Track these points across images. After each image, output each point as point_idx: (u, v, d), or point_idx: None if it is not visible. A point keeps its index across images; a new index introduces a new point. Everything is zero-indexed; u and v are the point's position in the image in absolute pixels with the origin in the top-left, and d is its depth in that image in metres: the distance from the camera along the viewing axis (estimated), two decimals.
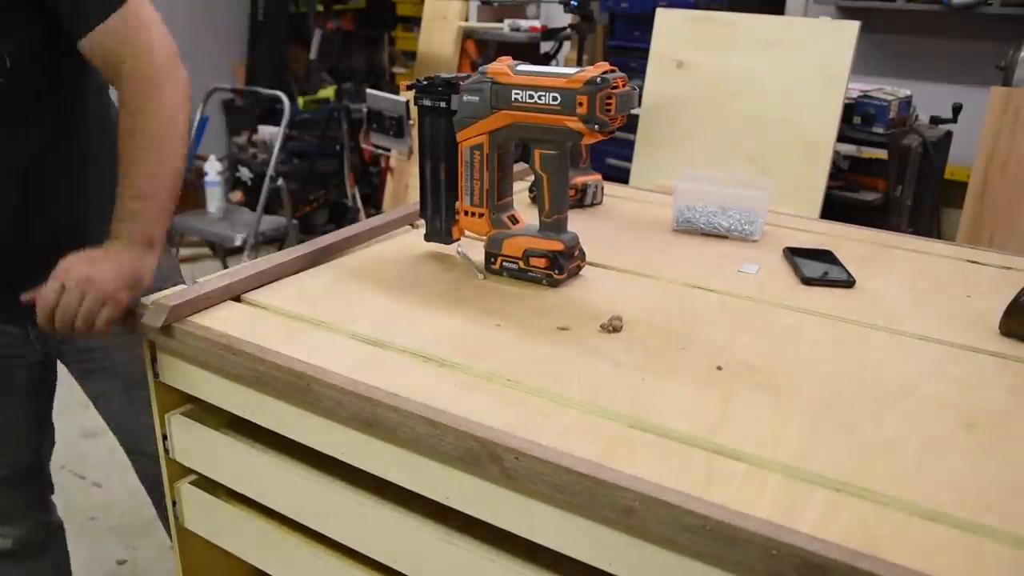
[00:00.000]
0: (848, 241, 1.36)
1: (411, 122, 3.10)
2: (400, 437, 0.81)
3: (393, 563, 0.90)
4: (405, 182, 3.76)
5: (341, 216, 4.19)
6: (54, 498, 1.55)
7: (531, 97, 1.05)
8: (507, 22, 3.95)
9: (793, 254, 1.25)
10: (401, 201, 3.77)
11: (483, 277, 1.16)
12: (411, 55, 5.03)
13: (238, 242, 3.45)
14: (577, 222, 1.20)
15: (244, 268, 1.12)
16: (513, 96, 1.07)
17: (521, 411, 0.81)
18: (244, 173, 4.25)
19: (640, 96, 2.46)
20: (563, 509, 0.74)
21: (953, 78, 3.36)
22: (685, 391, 0.86)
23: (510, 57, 1.12)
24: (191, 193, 3.75)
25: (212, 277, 1.09)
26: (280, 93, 3.68)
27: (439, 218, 1.21)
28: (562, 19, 4.07)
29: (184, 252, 4.04)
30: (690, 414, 0.81)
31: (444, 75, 1.15)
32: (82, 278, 1.05)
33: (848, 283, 1.16)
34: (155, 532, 2.26)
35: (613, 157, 3.27)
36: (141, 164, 1.12)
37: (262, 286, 1.11)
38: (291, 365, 0.88)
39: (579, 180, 1.49)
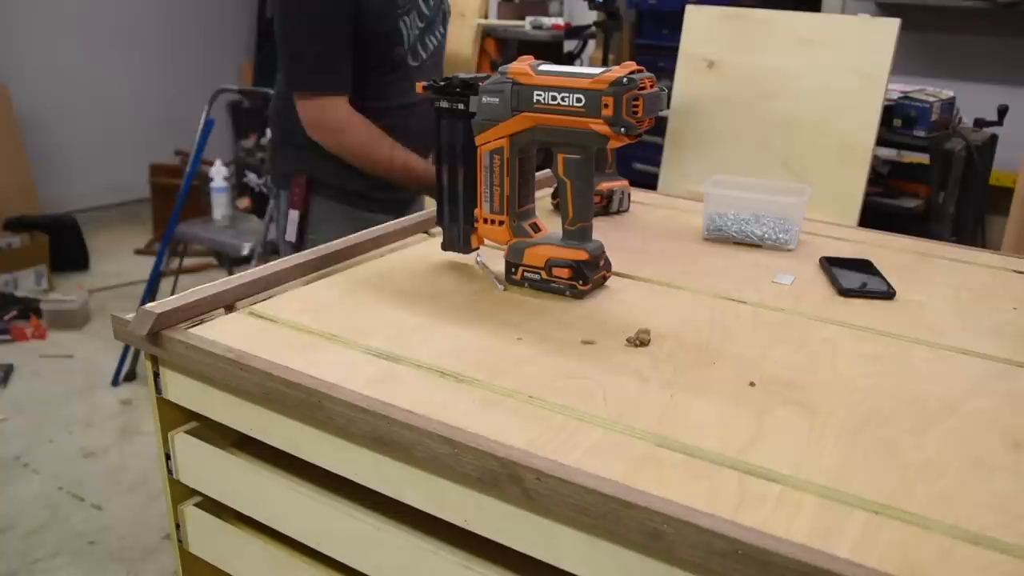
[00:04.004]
0: (888, 250, 1.36)
1: None
2: (416, 456, 0.82)
3: None
4: None
5: None
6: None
7: (554, 98, 1.06)
8: (529, 19, 3.96)
9: (830, 264, 1.25)
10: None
11: (503, 288, 1.17)
12: None
13: (245, 251, 3.45)
14: (602, 230, 1.20)
15: (238, 276, 1.14)
16: (535, 97, 1.07)
17: (543, 429, 0.81)
18: (252, 179, 4.27)
19: (669, 97, 2.47)
20: (587, 532, 0.74)
21: (998, 78, 3.35)
22: (716, 408, 0.86)
23: (532, 56, 1.13)
24: (196, 200, 3.78)
25: (205, 285, 1.10)
26: None
27: (457, 226, 1.22)
28: (587, 16, 4.08)
29: (188, 262, 4.07)
30: (721, 432, 0.81)
31: (462, 75, 1.16)
32: None
33: (888, 295, 1.16)
34: (157, 557, 2.27)
35: (640, 162, 3.28)
36: None
37: (258, 295, 1.13)
38: (301, 381, 0.89)
39: (604, 186, 1.50)
